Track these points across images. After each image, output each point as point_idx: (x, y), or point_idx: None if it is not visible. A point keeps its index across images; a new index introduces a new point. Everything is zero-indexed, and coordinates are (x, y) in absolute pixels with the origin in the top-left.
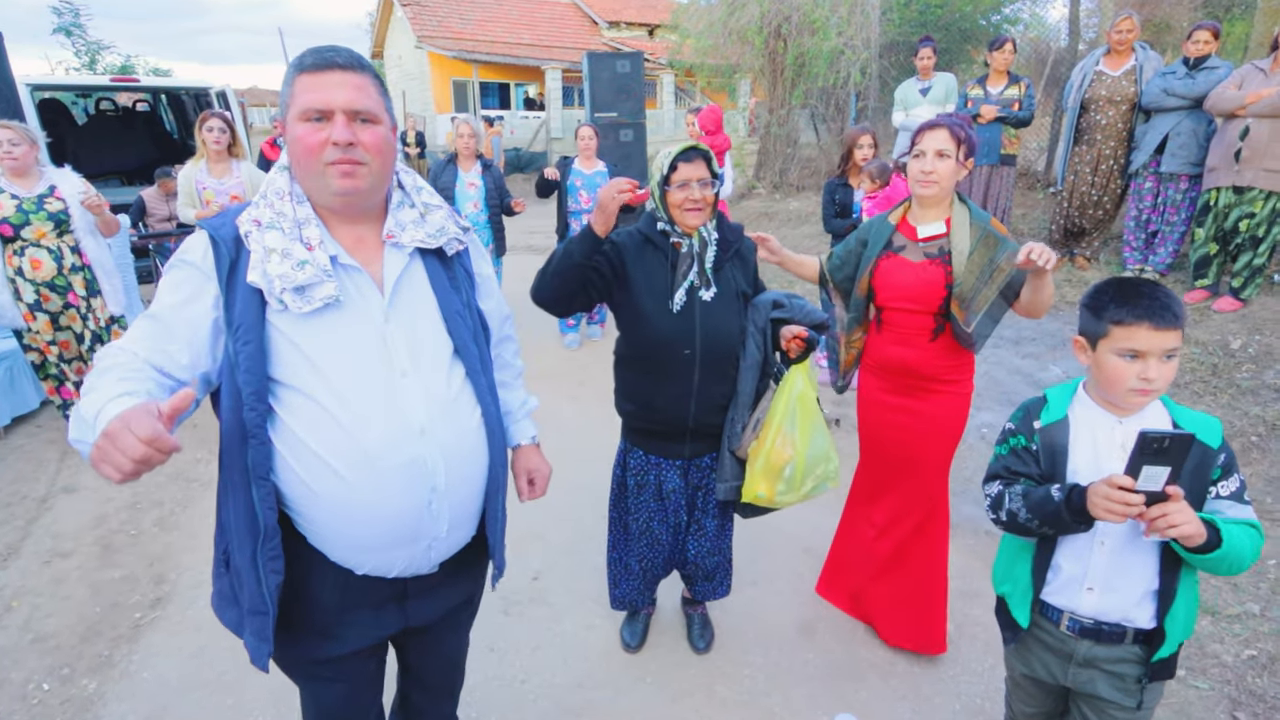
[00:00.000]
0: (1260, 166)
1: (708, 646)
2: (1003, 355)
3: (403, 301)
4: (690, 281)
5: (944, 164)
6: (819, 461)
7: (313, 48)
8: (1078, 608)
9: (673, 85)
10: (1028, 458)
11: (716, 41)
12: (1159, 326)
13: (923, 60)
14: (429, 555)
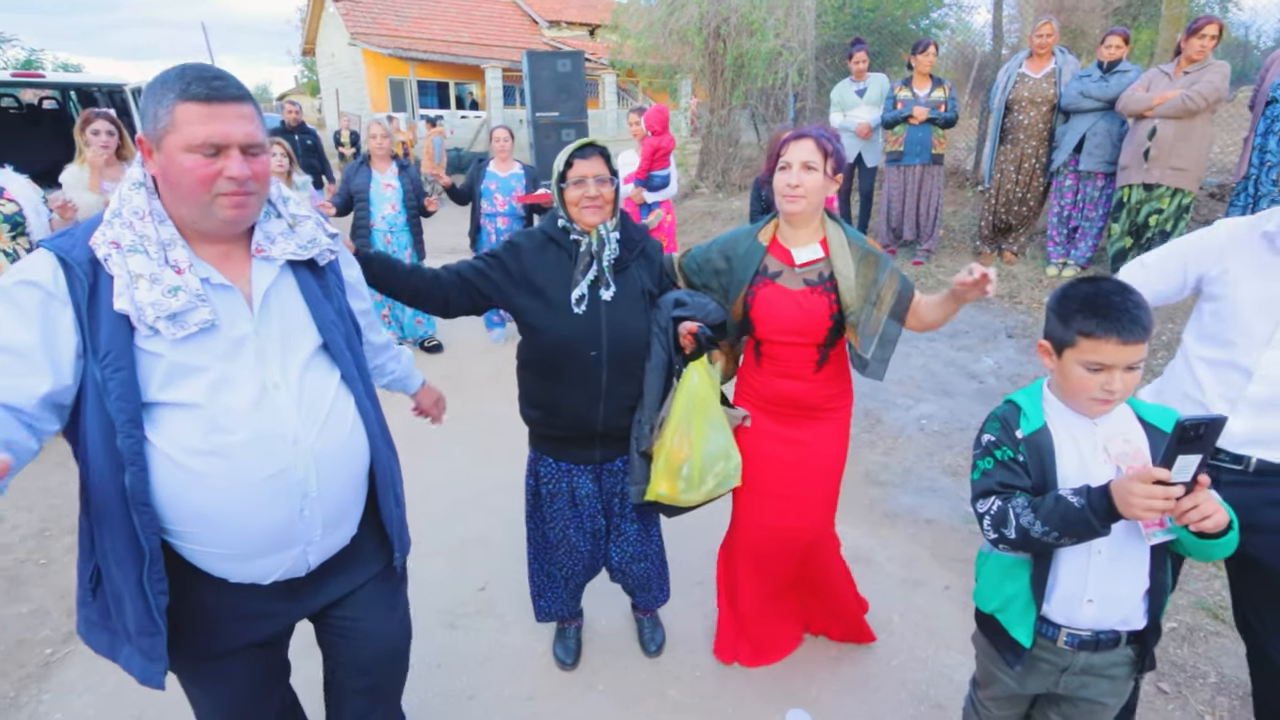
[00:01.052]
0: (1166, 165)
1: (659, 649)
2: (938, 348)
3: (273, 314)
4: (591, 281)
5: (811, 177)
6: (717, 459)
7: (196, 73)
8: (1076, 621)
9: (615, 85)
10: (1019, 470)
11: (657, 42)
12: (1127, 341)
13: (857, 63)
14: (305, 559)
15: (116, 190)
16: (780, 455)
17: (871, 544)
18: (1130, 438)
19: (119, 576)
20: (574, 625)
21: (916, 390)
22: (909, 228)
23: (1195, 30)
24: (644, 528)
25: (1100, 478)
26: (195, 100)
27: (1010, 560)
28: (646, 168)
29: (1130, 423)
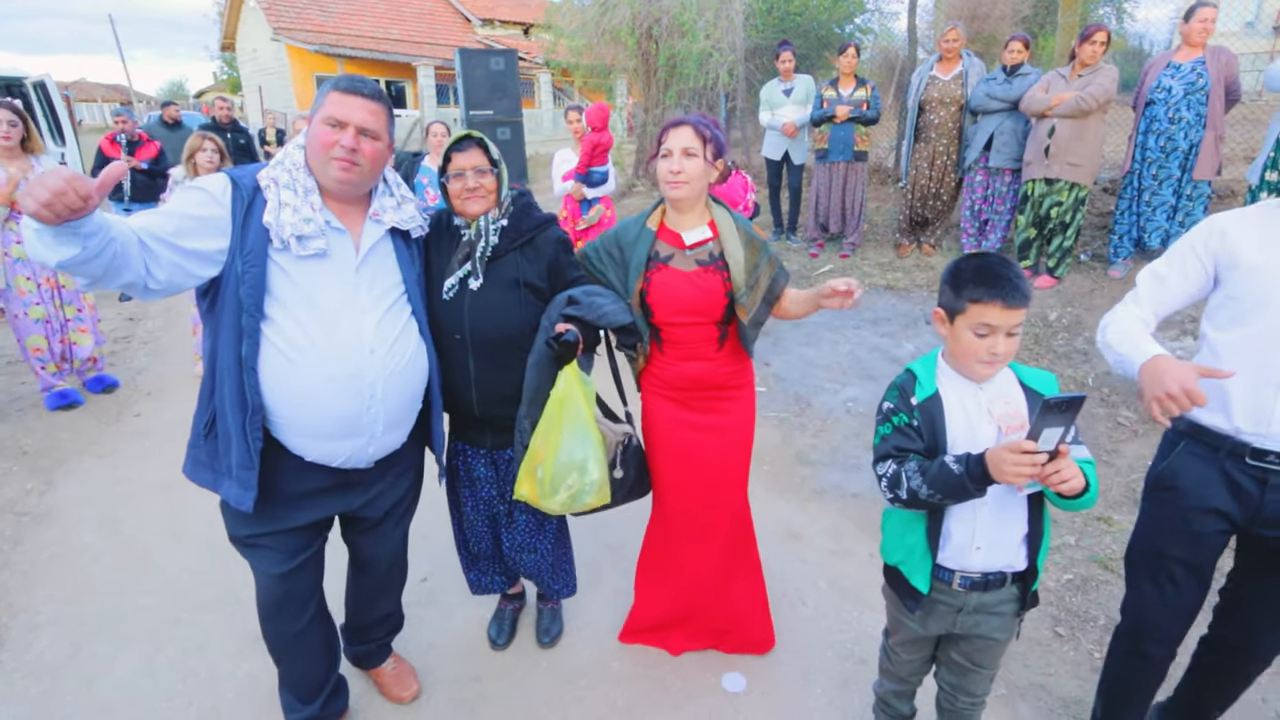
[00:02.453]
0: (1065, 160)
1: (552, 641)
2: (863, 335)
3: (372, 260)
4: (466, 269)
5: (692, 163)
6: (570, 471)
7: (349, 77)
8: (967, 566)
9: (550, 85)
10: (912, 434)
11: (590, 41)
12: (1010, 305)
13: (783, 63)
14: (367, 451)
15: (283, 148)
16: (694, 442)
17: (802, 520)
18: (1011, 400)
19: (230, 421)
20: (510, 607)
21: (843, 375)
22: (835, 222)
23: (1087, 37)
24: (537, 520)
25: (984, 436)
26: (339, 90)
27: (908, 516)
28: (586, 163)
29: (1012, 387)
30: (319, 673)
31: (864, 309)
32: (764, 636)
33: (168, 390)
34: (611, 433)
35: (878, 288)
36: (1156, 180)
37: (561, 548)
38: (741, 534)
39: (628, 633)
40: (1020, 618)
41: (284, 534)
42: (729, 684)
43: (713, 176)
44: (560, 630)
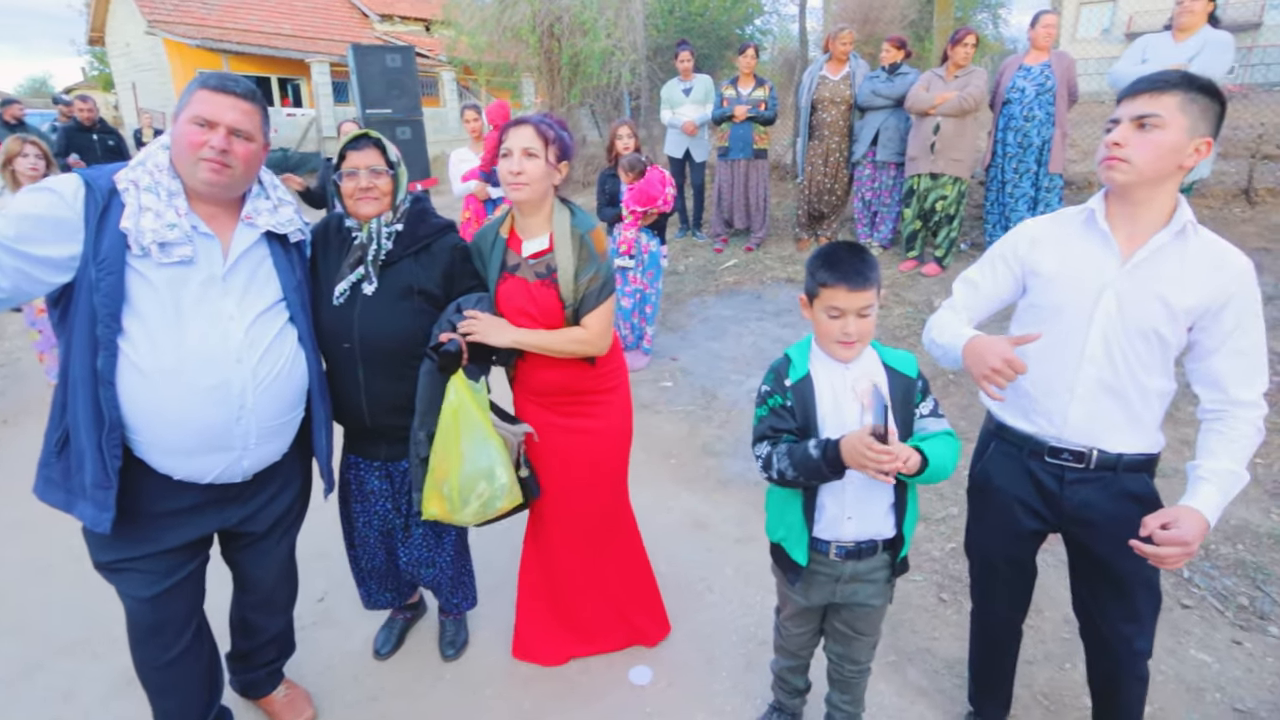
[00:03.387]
0: (949, 156)
1: (457, 653)
2: (766, 327)
3: (244, 265)
4: (359, 274)
5: (533, 164)
6: (477, 480)
7: (218, 73)
8: (841, 536)
9: (455, 83)
10: (786, 415)
11: (492, 39)
12: (854, 288)
13: (682, 63)
14: (241, 464)
15: (145, 148)
16: (566, 445)
17: (708, 509)
18: (875, 378)
19: (84, 438)
20: (402, 617)
21: (747, 366)
22: (739, 218)
23: (958, 40)
24: (435, 533)
25: (849, 413)
26: (206, 88)
27: (786, 493)
28: (490, 161)
29: (876, 366)
30: (197, 706)
31: (767, 301)
32: (656, 626)
33: (28, 416)
34: (511, 434)
35: (779, 280)
36: (1017, 174)
37: (461, 559)
38: (621, 531)
39: (518, 649)
40: (892, 584)
41: (154, 557)
42: (636, 677)
43: (556, 178)
44: (466, 641)
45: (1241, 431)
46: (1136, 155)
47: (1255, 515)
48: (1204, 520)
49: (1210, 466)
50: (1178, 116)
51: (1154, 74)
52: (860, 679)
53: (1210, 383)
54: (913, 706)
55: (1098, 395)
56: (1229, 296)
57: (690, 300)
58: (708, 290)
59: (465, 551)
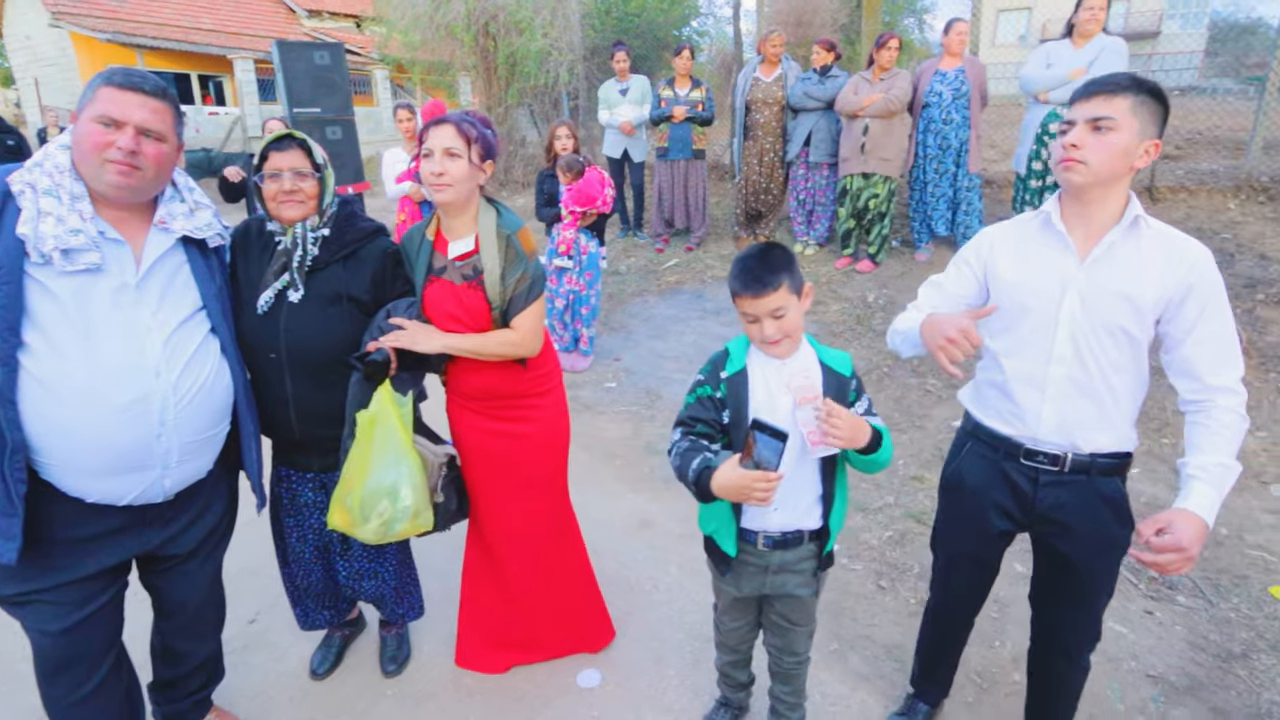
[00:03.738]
0: (878, 156)
1: (399, 669)
2: (707, 326)
3: (159, 273)
4: (284, 281)
5: (456, 164)
6: (380, 497)
7: (124, 69)
8: (768, 527)
9: (388, 81)
10: (711, 405)
11: (425, 37)
12: (756, 294)
13: (618, 63)
14: (163, 484)
15: (43, 148)
16: (500, 449)
17: (653, 508)
18: (809, 375)
19: None
20: (340, 634)
21: (690, 365)
22: (680, 218)
23: (882, 44)
24: (379, 547)
25: (782, 407)
26: (111, 85)
27: None
28: None
29: (811, 363)
30: None
31: (708, 299)
32: (599, 631)
33: None
34: (433, 455)
35: (720, 279)
36: (937, 174)
37: (405, 568)
38: (563, 536)
39: (460, 657)
40: (819, 575)
41: (66, 586)
42: (584, 681)
43: (481, 178)
44: (408, 655)
45: (1225, 422)
46: (1092, 157)
47: (1163, 492)
48: (1200, 522)
49: (1200, 462)
50: (1129, 119)
51: (1106, 77)
52: (800, 670)
53: (1184, 372)
54: (854, 693)
55: (1069, 394)
56: (1189, 286)
57: (632, 300)
58: (650, 290)
59: (409, 559)
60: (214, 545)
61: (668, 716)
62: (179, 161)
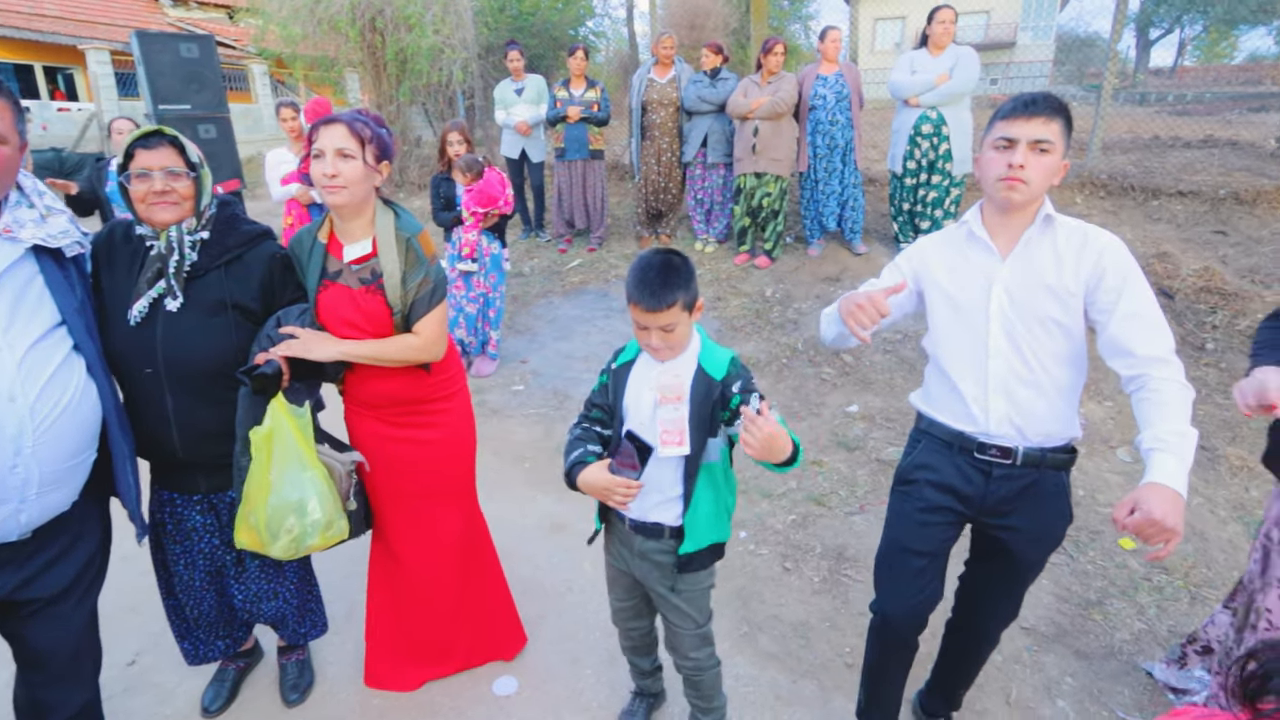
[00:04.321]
0: (769, 156)
1: (301, 698)
2: (614, 324)
3: (9, 286)
4: (160, 289)
5: (349, 165)
6: (285, 514)
7: None
8: (629, 510)
9: (267, 77)
10: (605, 392)
11: (306, 30)
12: (650, 309)
13: (512, 62)
14: (18, 519)
15: None
16: (403, 456)
17: (564, 510)
18: (679, 375)
19: None
20: (234, 666)
21: (598, 364)
22: (580, 218)
23: (768, 50)
24: (273, 561)
25: (645, 402)
26: None
27: None
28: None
29: (687, 365)
30: None
31: (613, 298)
32: (512, 639)
33: None
34: (339, 464)
35: (623, 278)
36: (826, 173)
37: (306, 585)
38: (473, 543)
39: (370, 677)
40: (675, 575)
41: None
42: (500, 689)
43: (377, 180)
44: (311, 682)
45: (1169, 391)
46: (1034, 176)
47: None
48: (1168, 490)
49: (1156, 434)
50: (1060, 141)
51: (1041, 97)
52: (700, 677)
53: (1117, 351)
54: (764, 672)
55: (1012, 386)
56: (1103, 269)
57: (537, 302)
58: (554, 291)
59: (309, 575)
60: (87, 585)
61: (586, 715)
62: (24, 163)
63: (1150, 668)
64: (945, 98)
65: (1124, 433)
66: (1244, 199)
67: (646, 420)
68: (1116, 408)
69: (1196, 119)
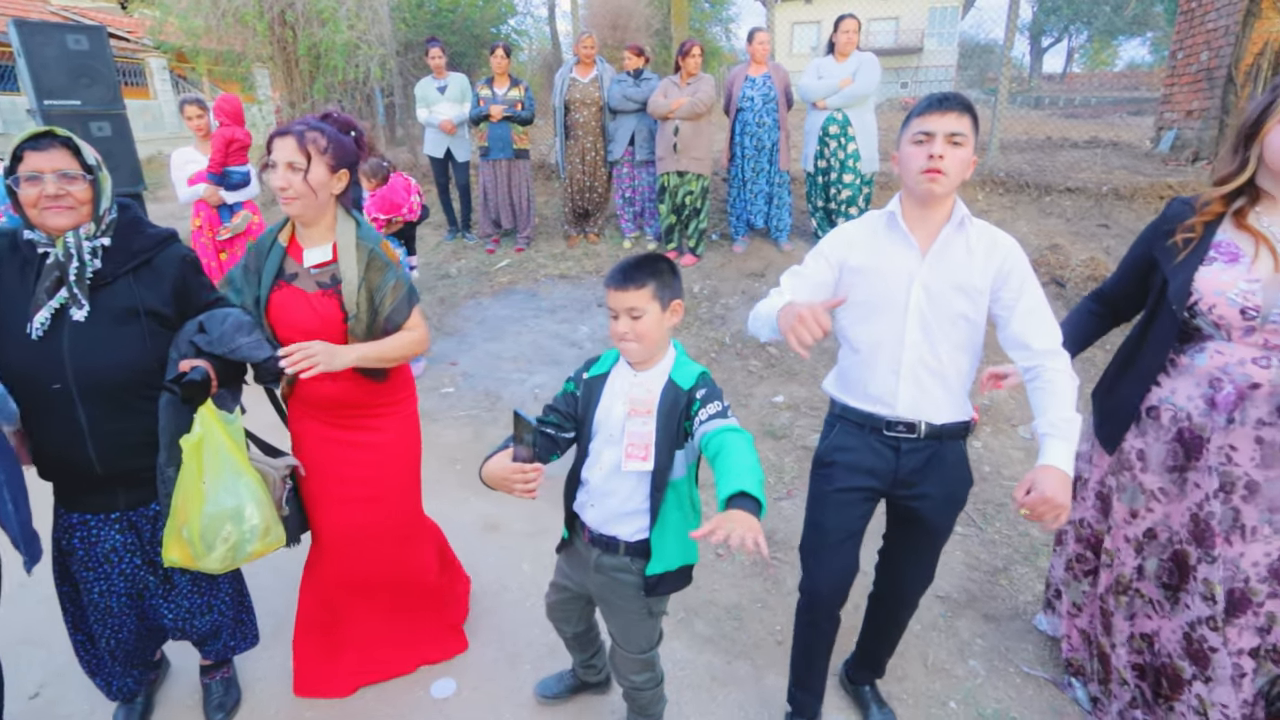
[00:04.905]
0: (690, 155)
1: (228, 716)
2: (543, 324)
3: None
4: (61, 298)
5: (298, 178)
6: (221, 522)
7: None
8: (588, 520)
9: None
10: (569, 400)
11: (209, 23)
12: (616, 288)
13: (434, 59)
14: None
15: None
16: (348, 459)
17: (498, 511)
18: (650, 389)
19: None
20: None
21: (529, 364)
22: (506, 218)
23: (686, 52)
24: (205, 578)
25: (615, 414)
26: None
27: None
28: (221, 161)
29: (658, 379)
30: None
31: (542, 298)
32: (450, 640)
33: None
34: (273, 469)
35: (552, 277)
36: (754, 173)
37: (240, 595)
38: (414, 546)
39: (299, 686)
40: (644, 597)
41: None
42: (438, 691)
43: (337, 187)
44: (238, 699)
45: (1061, 383)
46: (951, 168)
47: None
48: (1057, 472)
49: (1049, 420)
50: (971, 136)
51: (953, 94)
52: (638, 696)
53: (1017, 344)
54: (700, 656)
55: (920, 375)
56: (1008, 271)
57: (466, 303)
58: (483, 292)
59: (242, 585)
60: None
61: (526, 712)
62: None
63: (1038, 622)
64: (849, 100)
65: (1024, 413)
66: (1123, 194)
67: (616, 433)
68: (1018, 390)
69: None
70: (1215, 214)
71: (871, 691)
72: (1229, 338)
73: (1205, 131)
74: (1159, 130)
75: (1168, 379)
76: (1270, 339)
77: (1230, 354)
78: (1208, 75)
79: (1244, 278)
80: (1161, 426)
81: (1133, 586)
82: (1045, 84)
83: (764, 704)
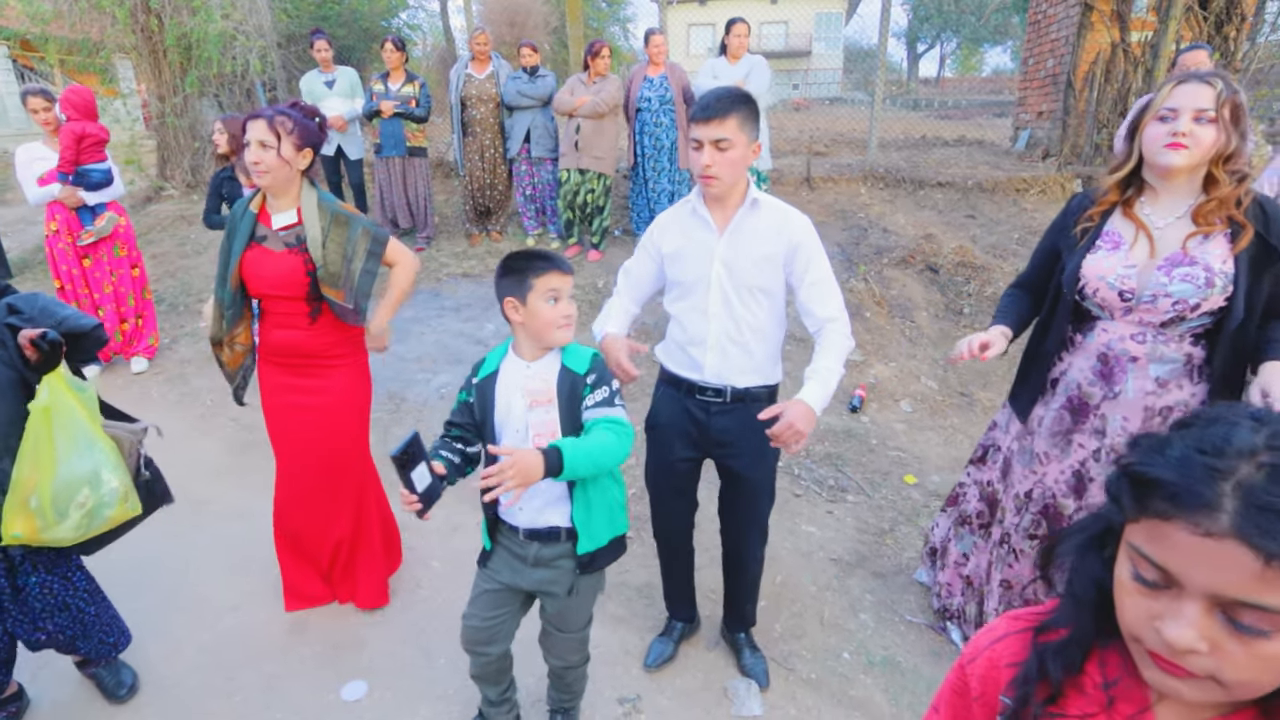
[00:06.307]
0: (591, 154)
1: (130, 692)
2: (447, 323)
3: None
4: None
5: (268, 154)
6: (77, 487)
7: None
8: (519, 521)
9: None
10: (465, 410)
11: (59, 8)
12: (565, 272)
13: (319, 53)
14: None
15: None
16: (299, 405)
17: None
18: (547, 379)
19: None
20: (5, 712)
21: (433, 364)
22: (404, 217)
23: (595, 53)
24: (56, 571)
25: (516, 408)
26: None
27: None
28: (72, 159)
29: (552, 367)
30: None
31: (445, 298)
32: (379, 594)
33: None
34: (128, 434)
35: (455, 276)
36: (655, 172)
37: (96, 587)
38: (365, 488)
39: (290, 602)
40: (576, 576)
41: None
42: (348, 694)
43: (302, 163)
44: (134, 679)
45: (834, 341)
46: (722, 173)
47: (834, 420)
48: (804, 406)
49: (814, 367)
50: (739, 134)
51: (714, 99)
52: (570, 675)
53: (805, 312)
54: (614, 634)
55: (724, 346)
56: (796, 244)
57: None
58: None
59: (94, 581)
60: None
61: (443, 704)
62: None
63: (919, 575)
64: None
65: (905, 388)
66: (987, 188)
67: (521, 428)
68: (899, 368)
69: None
70: (1111, 203)
71: (745, 638)
72: (1112, 317)
73: (1053, 131)
74: (1016, 130)
75: (1068, 354)
76: (1144, 317)
77: (1114, 331)
78: (1054, 81)
79: (1122, 263)
80: (1056, 395)
81: (1009, 540)
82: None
83: (676, 669)
